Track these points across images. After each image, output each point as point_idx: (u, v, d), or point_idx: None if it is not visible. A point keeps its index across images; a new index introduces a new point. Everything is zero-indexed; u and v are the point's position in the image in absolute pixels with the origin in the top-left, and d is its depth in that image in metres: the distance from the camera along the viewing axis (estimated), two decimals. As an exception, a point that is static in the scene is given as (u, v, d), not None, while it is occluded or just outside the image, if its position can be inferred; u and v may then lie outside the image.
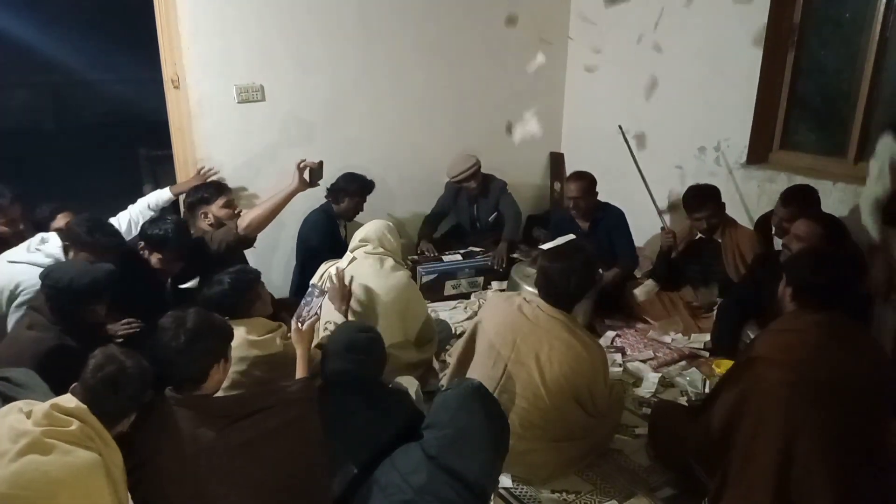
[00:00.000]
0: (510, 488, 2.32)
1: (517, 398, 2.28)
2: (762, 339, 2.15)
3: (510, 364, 2.30)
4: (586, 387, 2.29)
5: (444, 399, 1.84)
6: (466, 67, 4.29)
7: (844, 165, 3.48)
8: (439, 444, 1.75)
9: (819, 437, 1.89)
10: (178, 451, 1.66)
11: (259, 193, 3.65)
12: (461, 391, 1.83)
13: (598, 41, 4.47)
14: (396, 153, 4.19)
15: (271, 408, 1.78)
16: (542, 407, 2.26)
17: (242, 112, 3.58)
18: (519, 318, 2.33)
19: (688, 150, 4.00)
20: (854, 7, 3.40)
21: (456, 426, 1.76)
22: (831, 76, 3.58)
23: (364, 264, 2.89)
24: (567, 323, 2.31)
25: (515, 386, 2.28)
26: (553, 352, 2.24)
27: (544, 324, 2.30)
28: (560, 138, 4.92)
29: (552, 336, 2.27)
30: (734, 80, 3.70)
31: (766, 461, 1.94)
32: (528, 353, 2.27)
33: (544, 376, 2.24)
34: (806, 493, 1.91)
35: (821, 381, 1.92)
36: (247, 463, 1.71)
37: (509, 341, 2.30)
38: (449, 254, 4.04)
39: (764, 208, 3.61)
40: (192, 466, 1.66)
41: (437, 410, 1.82)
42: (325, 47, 3.74)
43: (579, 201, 3.66)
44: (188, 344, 1.71)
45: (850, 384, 1.93)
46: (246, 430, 1.72)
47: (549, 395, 2.24)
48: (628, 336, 3.46)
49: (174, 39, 3.36)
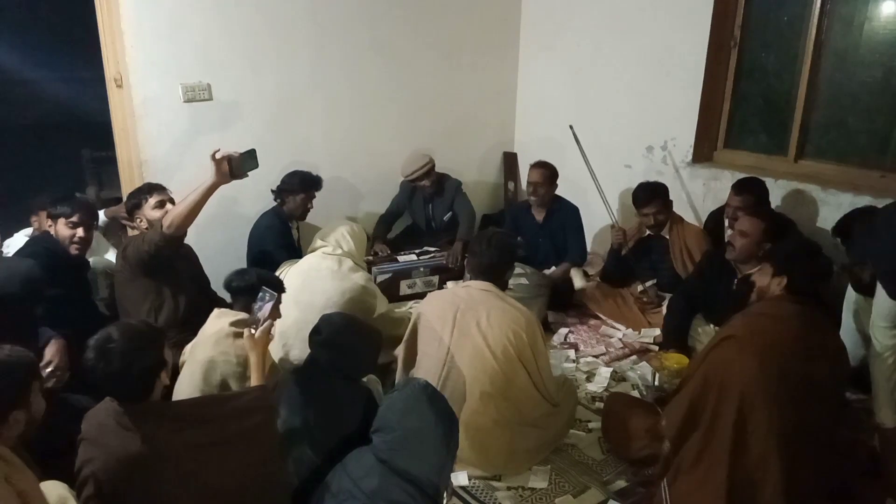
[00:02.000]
0: (467, 487, 2.33)
1: (466, 370, 2.34)
2: (740, 319, 2.20)
3: (454, 341, 2.38)
4: (529, 347, 2.38)
5: (391, 402, 1.82)
6: (420, 67, 4.29)
7: (786, 163, 3.61)
8: (389, 448, 1.74)
9: (777, 423, 1.96)
10: (129, 459, 1.60)
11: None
12: (407, 393, 1.82)
13: (549, 42, 4.52)
14: (350, 153, 4.16)
15: (227, 415, 1.74)
16: (491, 372, 2.33)
17: (189, 112, 3.50)
18: (455, 299, 2.47)
19: (636, 149, 4.09)
20: (792, 11, 3.53)
21: (405, 428, 1.75)
22: (772, 78, 3.70)
23: (321, 265, 2.87)
24: (498, 293, 2.48)
25: (463, 358, 2.35)
26: (491, 317, 2.38)
27: (478, 297, 2.45)
28: (513, 138, 4.96)
29: (487, 305, 2.42)
30: (680, 82, 3.80)
31: (723, 438, 2.00)
32: (468, 323, 2.39)
33: (487, 339, 2.35)
34: (759, 477, 1.98)
35: (788, 369, 1.98)
36: (201, 470, 1.67)
37: (449, 320, 2.41)
38: (404, 254, 4.03)
39: (709, 206, 3.72)
40: (144, 473, 1.61)
41: (384, 414, 1.80)
42: (275, 45, 3.69)
43: (539, 188, 3.73)
44: (124, 368, 1.62)
45: (814, 374, 2.01)
46: (200, 437, 1.68)
47: (495, 358, 2.33)
48: (581, 332, 3.51)
49: (116, 37, 3.26)
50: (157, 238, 2.59)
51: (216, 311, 2.37)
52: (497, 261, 2.50)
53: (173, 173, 3.47)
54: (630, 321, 3.54)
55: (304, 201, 3.61)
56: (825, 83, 3.47)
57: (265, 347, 2.12)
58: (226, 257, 3.59)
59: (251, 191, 3.75)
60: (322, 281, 2.81)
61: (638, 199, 3.46)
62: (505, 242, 2.54)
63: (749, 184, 3.24)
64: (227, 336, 2.24)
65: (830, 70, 3.45)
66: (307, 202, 3.63)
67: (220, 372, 2.18)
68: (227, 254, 3.67)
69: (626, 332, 3.49)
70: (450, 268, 3.96)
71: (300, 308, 2.78)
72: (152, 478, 1.62)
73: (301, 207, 3.62)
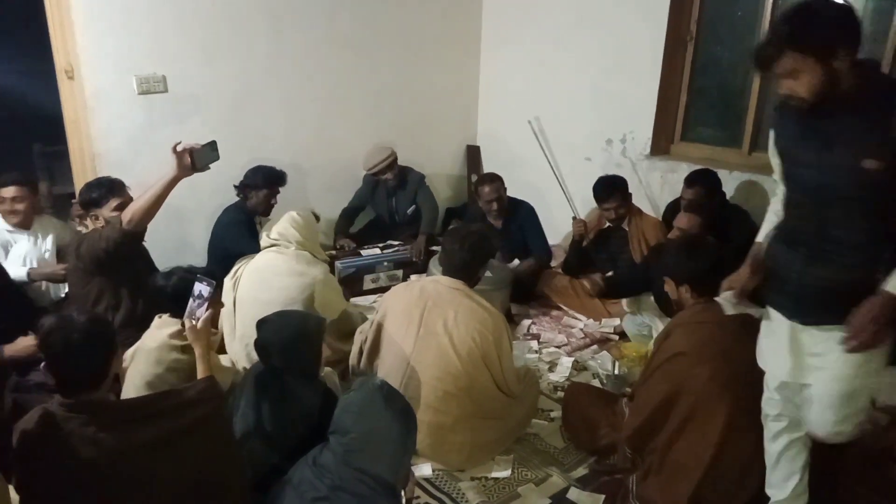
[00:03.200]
0: (430, 478, 2.34)
1: (430, 369, 2.33)
2: (680, 333, 2.19)
3: (419, 339, 2.36)
4: (494, 348, 2.37)
5: (347, 404, 1.79)
6: (380, 59, 4.27)
7: (740, 155, 3.71)
8: (346, 450, 1.72)
9: (735, 424, 1.99)
10: (75, 461, 1.57)
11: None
12: (363, 394, 1.79)
13: (510, 34, 4.54)
14: (310, 146, 4.11)
15: (174, 410, 1.71)
16: (455, 373, 2.31)
17: (144, 104, 3.42)
18: (422, 295, 2.45)
19: (596, 142, 4.15)
20: (745, 7, 3.61)
21: (360, 430, 1.73)
22: (727, 72, 3.79)
23: (278, 260, 2.83)
24: (467, 292, 2.45)
25: (427, 357, 2.34)
26: (459, 316, 2.36)
27: (446, 295, 2.43)
28: (476, 132, 4.98)
29: (455, 304, 2.39)
30: (639, 76, 3.86)
31: (700, 452, 2.02)
32: (435, 321, 2.36)
33: (453, 340, 2.33)
34: (727, 487, 2.03)
35: (739, 373, 2.00)
36: (151, 466, 1.64)
37: (416, 317, 2.39)
38: (367, 248, 4.01)
39: (667, 198, 3.79)
40: (92, 474, 1.58)
41: (339, 416, 1.78)
42: (232, 36, 3.62)
43: (492, 204, 3.73)
44: (85, 338, 1.61)
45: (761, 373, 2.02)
46: (148, 433, 1.64)
47: (459, 359, 2.31)
48: (543, 323, 3.55)
49: (66, 27, 3.16)
50: (115, 235, 2.49)
51: (157, 319, 2.28)
52: (470, 260, 2.48)
53: (128, 167, 3.38)
54: (591, 312, 3.59)
55: (268, 197, 3.58)
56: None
57: (208, 338, 2.09)
58: (182, 254, 3.54)
59: (208, 185, 3.69)
60: (281, 277, 2.77)
61: (598, 193, 3.50)
62: (479, 243, 2.51)
63: (700, 176, 3.32)
64: (171, 350, 2.17)
65: (782, 64, 3.54)
66: (271, 198, 3.59)
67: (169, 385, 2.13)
68: (185, 250, 3.61)
69: (587, 322, 3.55)
70: (414, 262, 3.96)
71: (260, 306, 2.73)
72: (103, 478, 1.59)
73: (265, 203, 3.58)
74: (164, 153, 3.54)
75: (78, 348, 1.62)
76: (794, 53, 1.55)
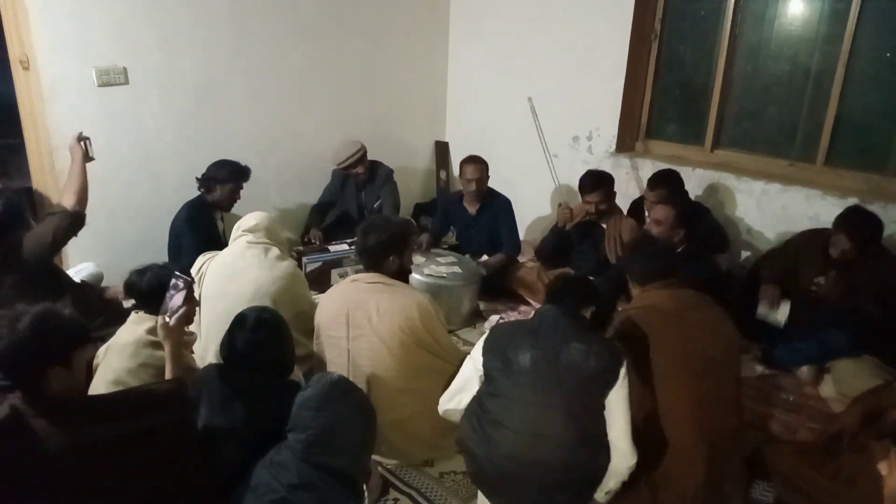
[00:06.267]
0: (398, 474, 2.34)
1: (369, 368, 2.32)
2: (621, 318, 2.20)
3: (351, 341, 2.35)
4: (426, 332, 2.36)
5: (305, 399, 1.78)
6: (347, 54, 4.23)
7: (702, 153, 3.78)
8: (304, 447, 1.72)
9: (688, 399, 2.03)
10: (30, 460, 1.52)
11: (123, 183, 3.46)
12: (320, 390, 1.78)
13: (476, 28, 4.54)
14: (276, 140, 4.06)
15: (138, 410, 1.67)
16: (393, 365, 2.30)
17: (103, 96, 3.33)
18: (344, 298, 2.41)
19: (563, 139, 4.18)
20: (708, 6, 3.68)
21: (319, 426, 1.72)
22: (690, 70, 3.85)
23: (247, 254, 2.79)
24: (383, 281, 2.42)
25: (363, 359, 2.33)
26: (381, 310, 2.33)
27: (366, 291, 2.40)
28: (444, 127, 4.97)
29: (376, 299, 2.35)
30: (604, 74, 3.90)
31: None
32: (361, 322, 2.34)
33: (381, 334, 2.31)
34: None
35: (683, 349, 2.05)
36: (111, 467, 1.60)
37: (343, 322, 2.36)
38: (335, 243, 3.98)
39: (633, 194, 3.84)
40: (50, 470, 1.54)
41: (298, 412, 1.77)
42: (194, 28, 3.54)
43: (472, 183, 3.75)
44: (20, 341, 1.54)
45: (706, 351, 2.08)
46: (108, 432, 1.60)
47: (391, 353, 2.30)
48: (511, 317, 3.57)
49: (20, 14, 3.06)
50: (66, 221, 2.55)
51: (134, 315, 2.26)
52: (376, 249, 2.40)
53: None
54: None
55: (233, 192, 3.52)
56: (739, 76, 3.64)
57: (180, 336, 2.05)
58: (144, 249, 3.45)
59: (173, 179, 3.62)
60: (250, 270, 2.73)
61: (584, 185, 3.51)
62: (384, 230, 2.41)
63: (662, 178, 3.37)
64: (147, 346, 2.15)
65: (744, 63, 3.62)
66: (235, 193, 3.53)
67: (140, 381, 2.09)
68: (146, 245, 3.53)
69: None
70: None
71: (229, 299, 2.69)
72: (59, 474, 1.55)
73: (228, 198, 3.52)
74: (123, 148, 3.49)
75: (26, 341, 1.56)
76: None
